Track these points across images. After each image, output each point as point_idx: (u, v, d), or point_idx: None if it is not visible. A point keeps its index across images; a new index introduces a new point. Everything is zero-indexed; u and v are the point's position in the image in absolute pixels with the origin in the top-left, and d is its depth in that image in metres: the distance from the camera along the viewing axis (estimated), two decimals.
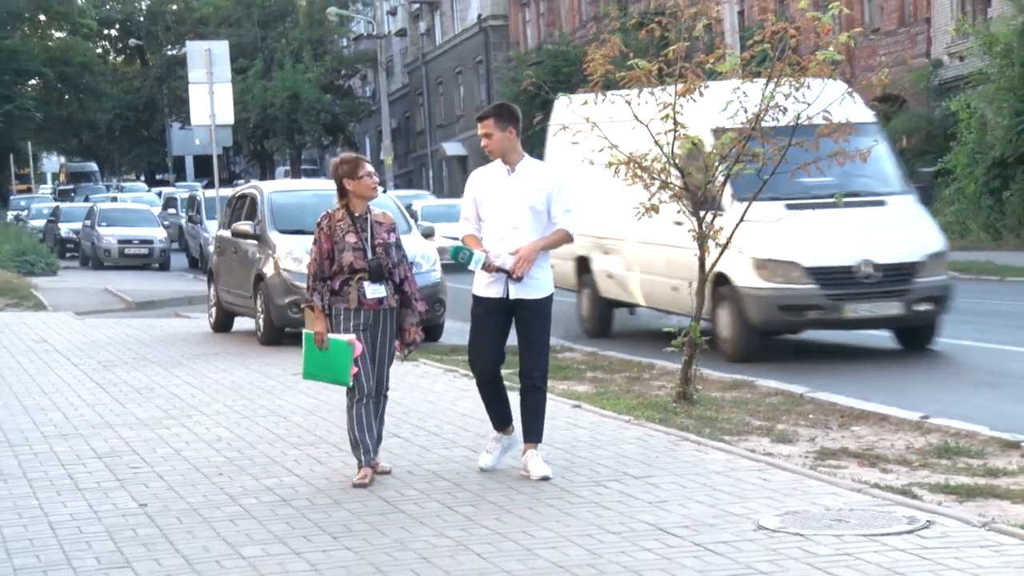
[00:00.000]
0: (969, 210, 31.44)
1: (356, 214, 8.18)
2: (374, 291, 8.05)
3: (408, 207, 29.24)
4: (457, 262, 8.17)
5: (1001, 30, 31.01)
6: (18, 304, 23.09)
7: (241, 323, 17.77)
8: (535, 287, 8.15)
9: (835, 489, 7.74)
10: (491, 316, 8.21)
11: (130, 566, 6.65)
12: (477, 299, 8.24)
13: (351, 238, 8.07)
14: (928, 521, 6.87)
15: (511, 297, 8.10)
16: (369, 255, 8.06)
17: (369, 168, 8.30)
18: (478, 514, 7.45)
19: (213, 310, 18.41)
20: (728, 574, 6.13)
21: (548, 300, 8.29)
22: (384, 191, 15.53)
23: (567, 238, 8.36)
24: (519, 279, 7.99)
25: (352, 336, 7.98)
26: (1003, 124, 29.95)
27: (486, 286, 8.14)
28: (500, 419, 8.46)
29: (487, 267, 7.99)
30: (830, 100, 10.98)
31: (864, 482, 7.98)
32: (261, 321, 16.33)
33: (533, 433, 8.30)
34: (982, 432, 9.54)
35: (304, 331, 8.31)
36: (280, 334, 16.08)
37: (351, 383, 8.06)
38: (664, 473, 8.26)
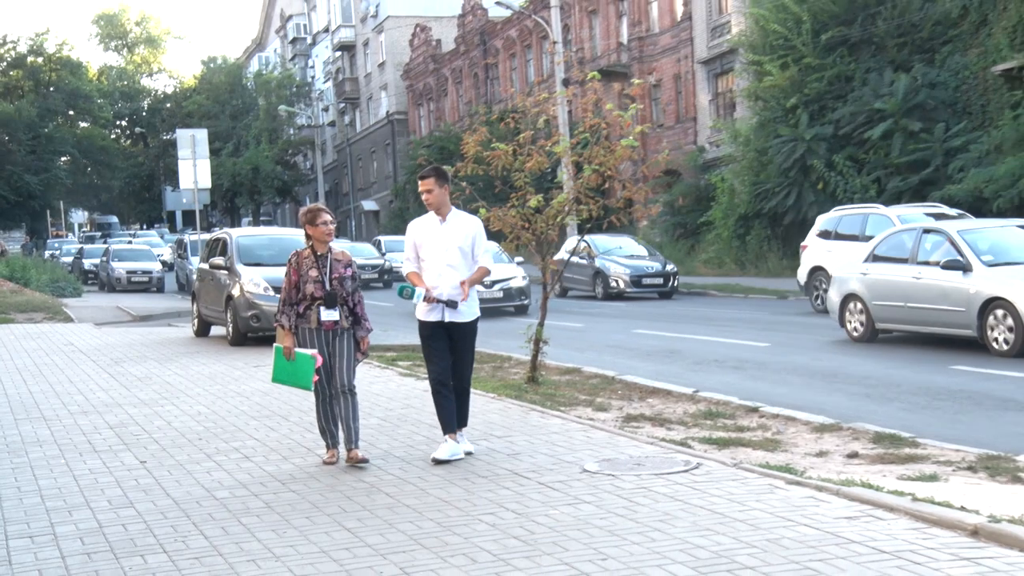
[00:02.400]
0: (724, 249, 32.09)
1: (319, 253, 7.48)
2: (328, 315, 7.36)
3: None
4: (402, 297, 7.59)
5: (743, 127, 31.77)
6: (52, 317, 22.45)
7: (216, 331, 17.43)
8: (464, 314, 7.47)
9: (636, 443, 7.79)
10: (434, 335, 7.49)
11: (133, 506, 6.50)
12: (421, 323, 7.54)
13: (313, 272, 7.40)
14: (698, 463, 6.95)
15: (446, 320, 7.45)
16: (327, 286, 7.40)
17: (326, 217, 7.54)
18: (387, 464, 7.37)
19: (195, 321, 18.06)
20: (562, 503, 6.12)
21: (475, 322, 7.62)
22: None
23: (487, 272, 7.66)
24: (454, 307, 7.45)
25: (315, 351, 7.31)
26: (745, 191, 30.65)
27: (426, 313, 7.46)
28: (448, 424, 7.50)
29: (427, 299, 7.46)
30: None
31: (655, 437, 8.06)
32: (230, 328, 16.05)
33: (461, 419, 7.62)
34: (734, 401, 9.73)
35: (275, 345, 7.54)
36: (244, 338, 15.80)
37: (313, 388, 7.42)
38: (518, 434, 8.24)
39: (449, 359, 7.55)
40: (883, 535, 5.24)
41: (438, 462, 7.28)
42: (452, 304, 7.39)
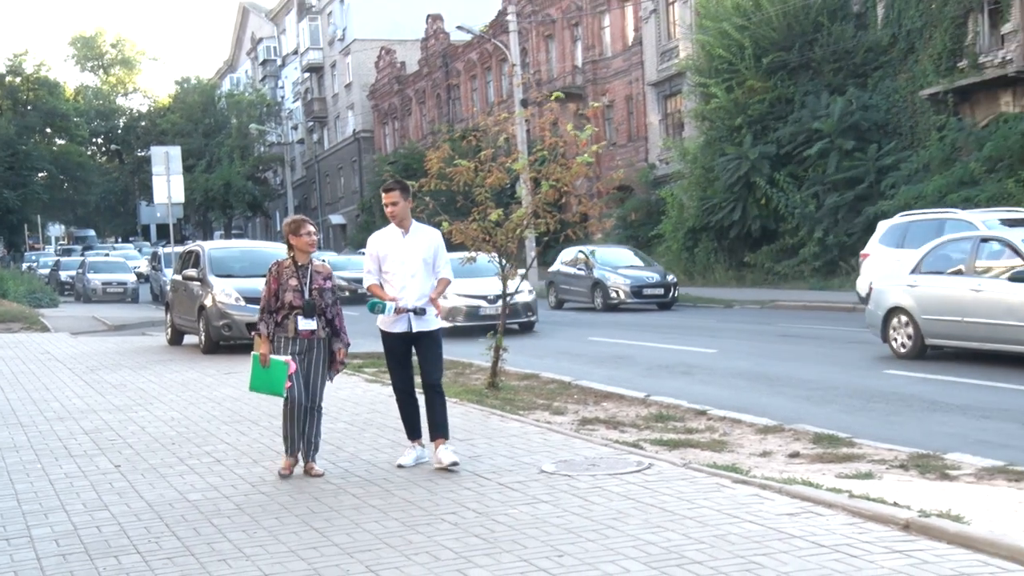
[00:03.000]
0: (673, 260, 32.24)
1: (300, 263, 7.17)
2: (305, 324, 7.05)
3: None
4: (373, 312, 7.29)
5: (690, 145, 32.04)
6: (29, 327, 22.09)
7: (189, 339, 17.24)
8: (429, 323, 7.19)
9: (591, 444, 7.79)
10: (399, 346, 7.22)
11: (107, 509, 6.39)
12: (385, 334, 7.25)
13: (293, 282, 7.09)
14: (650, 463, 6.96)
15: (413, 331, 7.15)
16: (305, 295, 7.09)
17: (309, 228, 7.25)
18: (353, 467, 7.32)
19: (169, 330, 17.87)
20: (521, 503, 6.11)
21: (439, 331, 7.33)
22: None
23: (449, 283, 7.39)
24: (422, 314, 7.10)
25: (288, 357, 6.98)
26: (693, 205, 30.88)
27: (392, 324, 7.16)
28: (413, 430, 7.33)
29: (398, 311, 7.09)
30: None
31: (609, 439, 8.06)
32: (203, 337, 15.89)
33: (441, 431, 7.20)
34: (683, 404, 9.75)
35: (252, 353, 7.20)
36: (216, 346, 15.64)
37: (285, 395, 7.05)
38: (479, 437, 8.21)
39: (411, 368, 7.38)
40: (822, 530, 5.28)
41: (403, 468, 7.13)
42: (420, 311, 7.16)
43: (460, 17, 42.17)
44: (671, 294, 23.96)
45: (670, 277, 24.42)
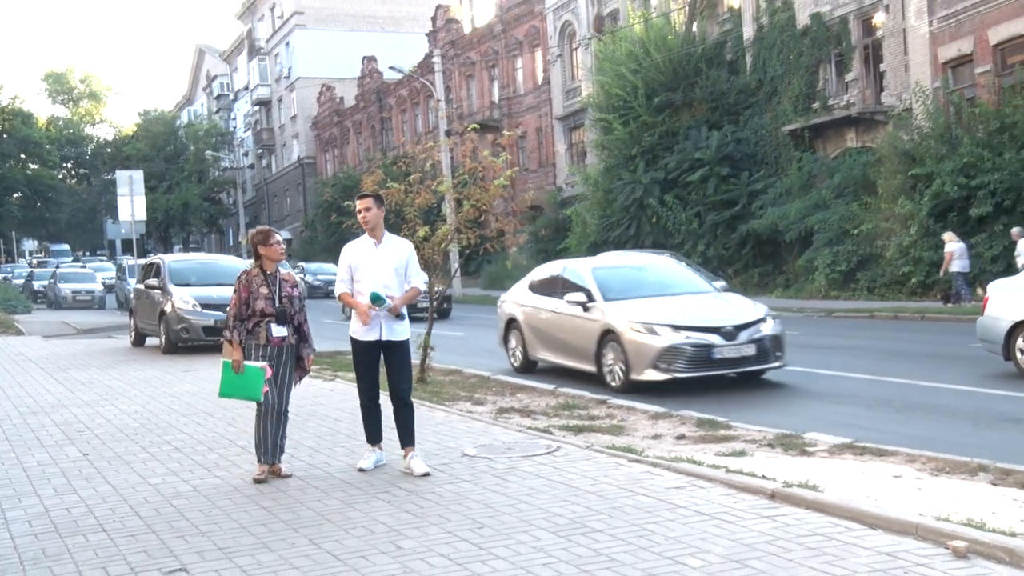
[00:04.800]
0: None
1: (268, 272, 6.52)
2: (278, 331, 6.42)
3: None
4: (373, 302, 6.35)
5: (592, 171, 32.34)
6: (4, 331, 21.24)
7: (150, 341, 16.77)
8: (399, 332, 6.49)
9: (507, 431, 7.80)
10: (369, 354, 6.50)
11: (76, 492, 6.19)
12: (357, 342, 6.53)
13: (264, 290, 6.43)
14: (558, 446, 6.99)
15: (384, 339, 6.45)
16: (276, 303, 6.47)
17: (278, 237, 6.61)
18: (298, 453, 7.19)
19: (132, 333, 17.38)
20: (446, 482, 6.08)
21: (408, 341, 6.59)
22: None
23: (419, 293, 6.61)
24: (401, 319, 6.46)
25: (265, 363, 6.35)
26: (595, 223, 31.12)
27: (364, 332, 6.46)
28: (374, 435, 6.64)
29: (391, 310, 6.38)
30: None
31: (523, 426, 8.07)
32: (163, 339, 15.49)
33: (409, 440, 6.47)
34: (587, 395, 9.80)
35: (223, 359, 6.50)
36: (175, 347, 15.26)
37: (262, 399, 6.37)
38: None
39: (379, 377, 6.62)
40: (704, 500, 5.37)
41: (363, 471, 6.46)
42: (400, 317, 6.46)
43: (392, 59, 41.99)
44: None
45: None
